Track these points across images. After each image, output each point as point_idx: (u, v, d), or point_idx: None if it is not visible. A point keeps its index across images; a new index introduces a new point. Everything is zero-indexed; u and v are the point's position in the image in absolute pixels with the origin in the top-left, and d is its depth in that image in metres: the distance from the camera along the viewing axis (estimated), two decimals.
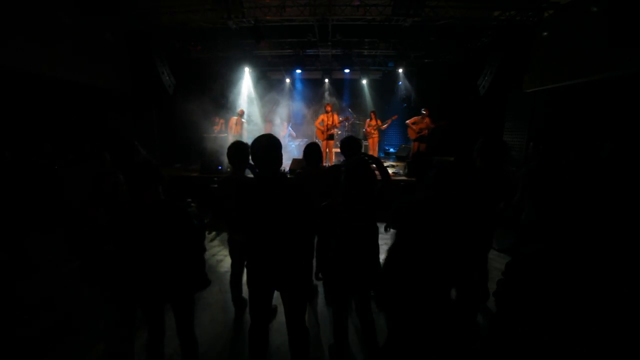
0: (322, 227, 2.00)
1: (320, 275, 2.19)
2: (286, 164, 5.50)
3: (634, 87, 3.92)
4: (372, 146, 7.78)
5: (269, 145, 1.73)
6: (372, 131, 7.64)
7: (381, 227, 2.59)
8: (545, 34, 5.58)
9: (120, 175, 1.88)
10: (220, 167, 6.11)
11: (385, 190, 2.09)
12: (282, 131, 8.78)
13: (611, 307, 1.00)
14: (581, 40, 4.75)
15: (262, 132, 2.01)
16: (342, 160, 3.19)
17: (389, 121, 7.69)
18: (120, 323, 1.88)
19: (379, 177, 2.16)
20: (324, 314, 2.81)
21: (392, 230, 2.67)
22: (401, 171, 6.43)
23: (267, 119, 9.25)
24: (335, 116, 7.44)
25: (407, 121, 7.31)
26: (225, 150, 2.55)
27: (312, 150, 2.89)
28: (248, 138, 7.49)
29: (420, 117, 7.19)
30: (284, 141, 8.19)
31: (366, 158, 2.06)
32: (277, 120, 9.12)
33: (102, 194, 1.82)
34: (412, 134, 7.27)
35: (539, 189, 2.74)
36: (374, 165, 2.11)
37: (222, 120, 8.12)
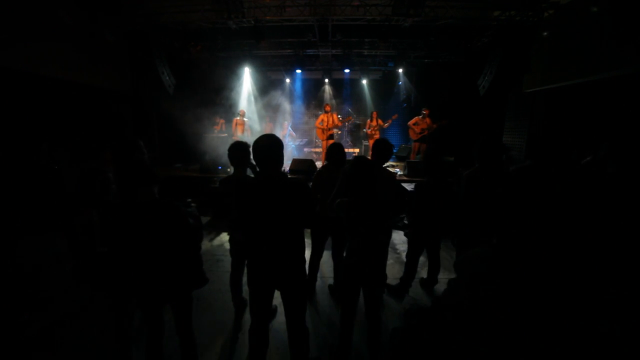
0: (336, 227, 2.01)
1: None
2: (286, 164, 5.49)
3: (634, 87, 3.92)
4: (372, 146, 7.78)
5: (269, 145, 1.73)
6: (373, 132, 7.65)
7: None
8: (545, 34, 5.58)
9: (110, 173, 1.87)
10: (220, 167, 6.11)
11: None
12: (282, 131, 8.78)
13: (564, 301, 0.99)
14: (581, 40, 4.75)
15: (263, 132, 2.01)
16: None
17: (390, 121, 7.70)
18: (118, 323, 1.88)
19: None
20: (324, 314, 2.81)
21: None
22: (400, 171, 6.42)
23: (267, 119, 9.25)
24: (335, 116, 7.45)
25: (409, 122, 7.32)
26: (226, 151, 2.56)
27: (335, 151, 2.87)
28: (250, 137, 7.49)
29: (420, 117, 7.19)
30: (283, 141, 8.15)
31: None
32: (277, 120, 9.13)
33: (92, 193, 1.81)
34: (413, 135, 7.27)
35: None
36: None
37: (222, 121, 8.12)
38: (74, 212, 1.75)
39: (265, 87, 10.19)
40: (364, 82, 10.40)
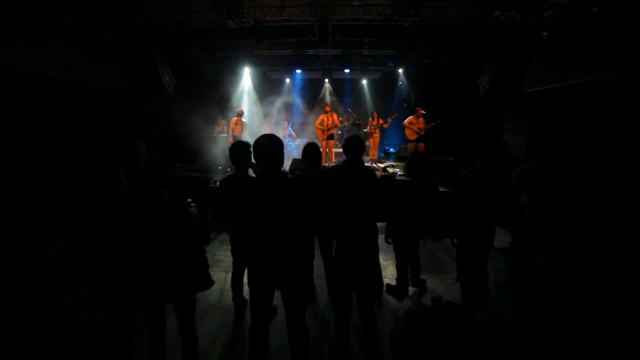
0: (324, 226, 2.01)
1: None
2: (286, 164, 5.49)
3: (634, 87, 3.92)
4: (373, 146, 7.79)
5: (270, 145, 1.73)
6: (373, 131, 7.65)
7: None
8: (545, 34, 5.58)
9: (122, 172, 1.88)
10: (220, 167, 6.11)
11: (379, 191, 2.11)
12: (282, 131, 8.78)
13: None
14: (581, 40, 4.75)
15: (262, 132, 2.02)
16: (342, 160, 3.22)
17: (390, 120, 7.70)
18: (121, 322, 1.88)
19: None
20: (324, 314, 2.81)
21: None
22: (400, 171, 6.43)
23: (267, 119, 9.25)
24: (335, 116, 7.45)
25: (404, 122, 7.31)
26: (226, 151, 2.56)
27: (310, 151, 2.89)
28: (249, 137, 7.49)
29: (414, 116, 7.18)
30: (283, 141, 8.13)
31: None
32: (277, 120, 9.13)
33: (113, 192, 1.83)
34: (410, 135, 7.25)
35: (539, 187, 2.76)
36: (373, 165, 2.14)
37: (223, 121, 8.13)
38: (102, 212, 1.76)
39: (265, 87, 10.18)
40: (364, 82, 10.40)
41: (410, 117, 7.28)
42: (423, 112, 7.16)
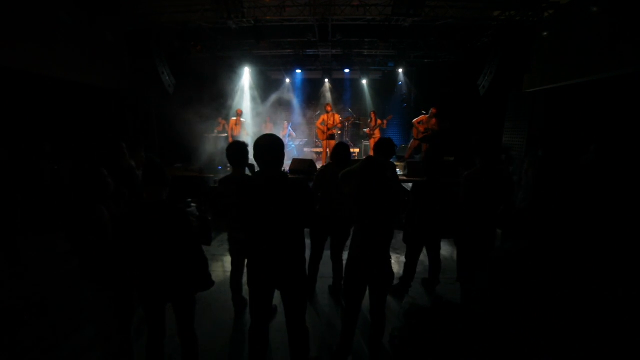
0: (336, 227, 1.99)
1: None
2: (286, 164, 5.49)
3: (634, 87, 3.92)
4: (373, 146, 7.79)
5: (270, 144, 1.73)
6: (372, 132, 7.65)
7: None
8: (545, 34, 5.58)
9: (103, 169, 1.87)
10: (220, 167, 6.11)
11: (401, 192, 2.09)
12: (282, 131, 8.78)
13: (604, 308, 0.96)
14: (581, 40, 4.75)
15: (262, 132, 2.02)
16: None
17: (385, 121, 7.71)
18: (118, 322, 1.88)
19: None
20: (324, 314, 2.81)
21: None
22: (400, 171, 6.42)
23: (267, 119, 9.26)
24: (337, 116, 7.44)
25: (414, 120, 7.27)
26: (225, 151, 2.57)
27: (340, 150, 2.88)
28: (248, 137, 7.50)
29: (427, 117, 7.13)
30: (283, 141, 8.11)
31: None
32: (277, 120, 9.13)
33: (93, 190, 1.82)
34: (416, 133, 7.20)
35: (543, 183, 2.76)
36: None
37: (223, 121, 8.13)
38: (82, 210, 1.76)
39: (265, 87, 10.18)
40: (364, 82, 10.40)
41: (422, 115, 7.22)
42: (435, 111, 7.11)
